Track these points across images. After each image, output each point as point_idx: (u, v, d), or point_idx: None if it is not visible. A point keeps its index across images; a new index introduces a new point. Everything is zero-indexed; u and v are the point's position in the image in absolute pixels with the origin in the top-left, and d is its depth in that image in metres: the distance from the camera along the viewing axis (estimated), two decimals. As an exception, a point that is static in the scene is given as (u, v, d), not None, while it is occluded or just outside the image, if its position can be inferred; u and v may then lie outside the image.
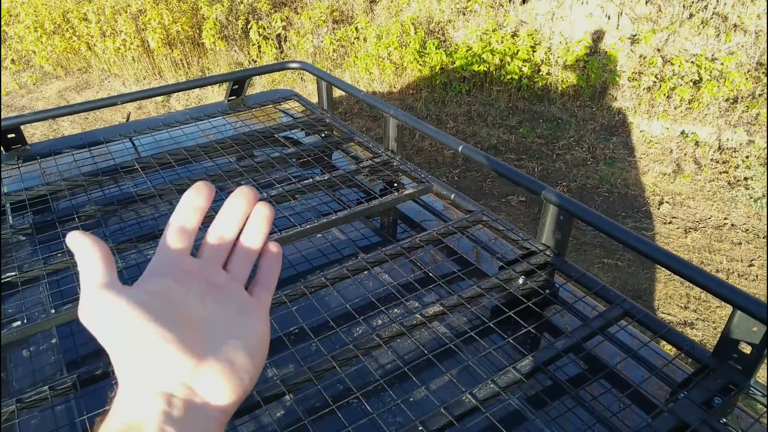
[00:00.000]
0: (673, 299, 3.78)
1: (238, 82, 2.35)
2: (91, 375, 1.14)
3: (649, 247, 1.20)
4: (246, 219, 0.51)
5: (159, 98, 7.30)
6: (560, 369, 1.21)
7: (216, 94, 7.30)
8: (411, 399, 1.14)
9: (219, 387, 0.44)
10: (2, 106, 7.78)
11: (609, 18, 6.27)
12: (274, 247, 0.52)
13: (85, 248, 0.46)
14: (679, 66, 5.26)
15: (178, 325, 0.44)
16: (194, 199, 0.49)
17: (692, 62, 5.29)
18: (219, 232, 0.51)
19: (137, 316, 0.43)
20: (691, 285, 1.22)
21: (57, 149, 2.07)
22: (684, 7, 5.77)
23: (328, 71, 7.02)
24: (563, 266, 1.40)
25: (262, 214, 0.50)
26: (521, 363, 1.13)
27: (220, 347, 0.45)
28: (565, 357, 1.18)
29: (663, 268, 4.13)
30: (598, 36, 6.20)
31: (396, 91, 6.52)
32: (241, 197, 0.50)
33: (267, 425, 1.11)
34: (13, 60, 8.63)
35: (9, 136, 2.03)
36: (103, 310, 0.44)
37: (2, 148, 2.11)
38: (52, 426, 1.13)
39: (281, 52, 7.52)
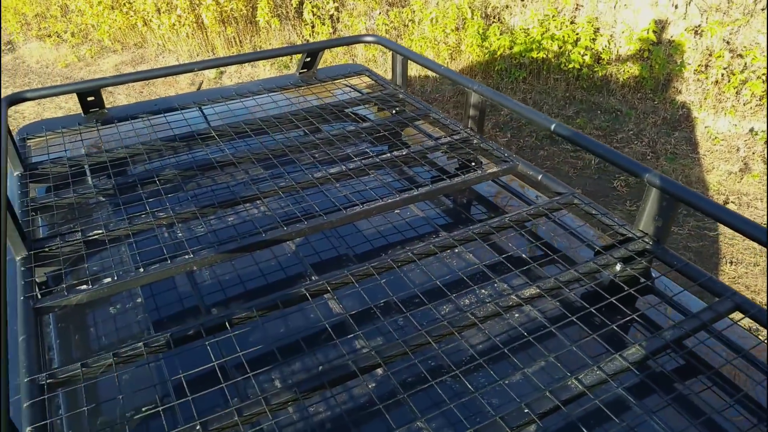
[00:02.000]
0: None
1: (311, 54, 2.32)
2: (183, 335, 1.13)
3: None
4: None
5: (211, 75, 7.38)
6: (666, 360, 1.15)
7: (267, 73, 7.33)
8: (509, 381, 1.09)
9: None
10: (62, 78, 7.99)
11: (676, 7, 6.02)
12: None
13: None
14: (753, 59, 5.01)
15: None
16: None
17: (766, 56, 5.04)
18: None
19: None
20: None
21: (133, 114, 2.08)
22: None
23: (381, 53, 6.97)
24: (664, 255, 1.33)
25: None
26: (628, 351, 1.07)
27: None
28: (671, 348, 1.11)
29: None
30: (663, 26, 5.96)
31: (449, 76, 6.42)
32: None
33: (362, 395, 1.08)
34: (72, 33, 8.82)
35: (89, 99, 2.04)
36: None
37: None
38: (148, 381, 1.12)
39: (333, 32, 7.49)
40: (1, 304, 0.95)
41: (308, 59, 2.35)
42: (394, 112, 2.13)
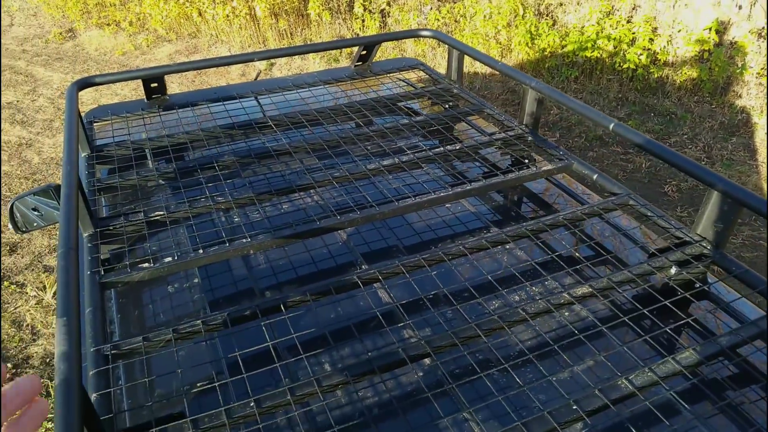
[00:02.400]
0: None
1: (367, 47, 2.34)
2: (239, 314, 1.17)
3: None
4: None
5: (262, 67, 7.51)
6: (720, 367, 1.13)
7: (317, 66, 7.40)
8: (557, 377, 1.09)
9: None
10: (118, 66, 8.26)
11: (740, 8, 5.80)
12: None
13: None
14: (820, 64, 4.80)
15: None
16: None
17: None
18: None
19: None
20: None
21: (193, 101, 2.15)
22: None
23: (431, 48, 6.95)
24: (722, 260, 1.30)
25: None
26: (681, 354, 1.06)
27: None
28: (727, 355, 1.09)
29: None
30: (725, 26, 5.75)
31: (498, 72, 6.36)
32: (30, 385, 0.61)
33: (410, 383, 1.10)
34: (130, 22, 9.11)
35: (152, 85, 2.12)
36: None
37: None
38: (205, 358, 1.17)
39: (383, 27, 7.51)
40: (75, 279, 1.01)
41: (364, 52, 2.37)
42: (448, 106, 2.13)
